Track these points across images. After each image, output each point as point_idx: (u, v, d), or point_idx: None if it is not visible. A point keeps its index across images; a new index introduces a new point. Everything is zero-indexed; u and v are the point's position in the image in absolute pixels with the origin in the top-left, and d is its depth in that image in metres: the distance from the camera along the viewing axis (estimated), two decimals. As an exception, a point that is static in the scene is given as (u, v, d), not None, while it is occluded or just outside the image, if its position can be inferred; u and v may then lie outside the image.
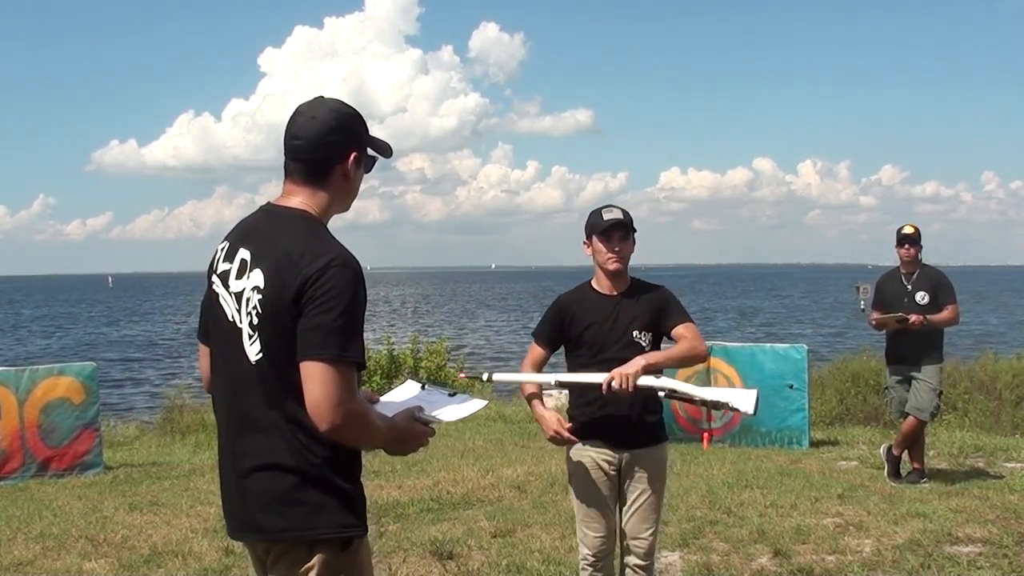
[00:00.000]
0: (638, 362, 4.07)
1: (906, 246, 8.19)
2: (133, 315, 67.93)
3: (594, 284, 4.49)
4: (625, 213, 4.35)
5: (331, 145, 2.68)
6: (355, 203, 2.85)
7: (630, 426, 4.31)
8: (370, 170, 2.86)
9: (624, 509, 4.40)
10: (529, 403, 4.51)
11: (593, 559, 4.40)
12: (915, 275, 8.20)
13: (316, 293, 2.47)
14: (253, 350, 2.57)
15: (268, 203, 2.77)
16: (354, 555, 2.62)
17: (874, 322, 8.28)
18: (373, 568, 2.74)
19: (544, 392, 4.51)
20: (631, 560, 4.41)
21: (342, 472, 2.61)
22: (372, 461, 10.21)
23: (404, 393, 2.93)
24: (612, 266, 4.34)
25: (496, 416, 14.92)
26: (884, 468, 8.34)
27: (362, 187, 2.84)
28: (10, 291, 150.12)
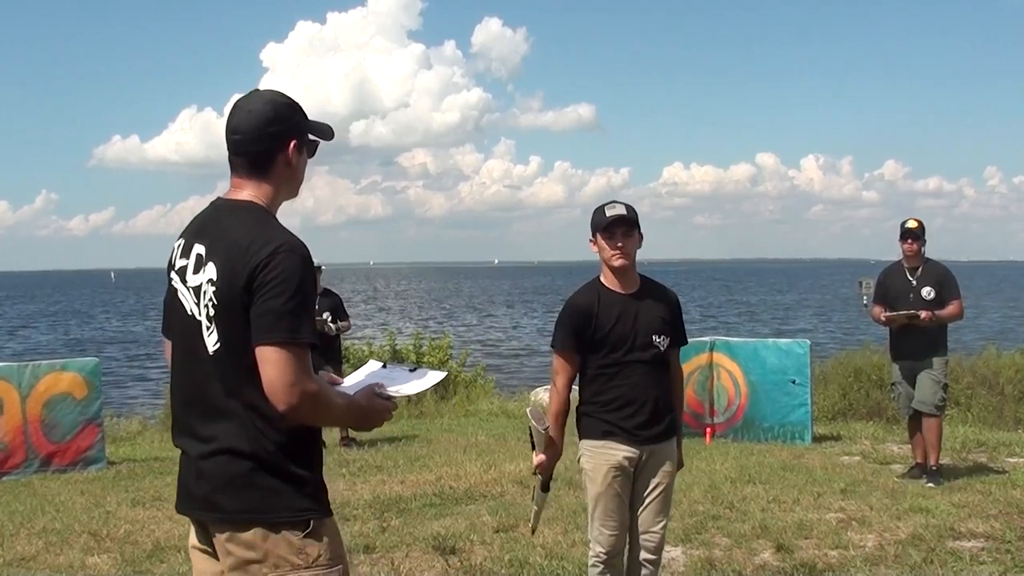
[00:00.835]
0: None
1: (909, 240, 8.15)
2: (134, 310, 68.09)
3: (604, 282, 4.44)
4: (629, 208, 4.33)
5: (271, 136, 2.76)
6: (356, 198, 2.89)
7: (653, 423, 4.35)
8: (313, 154, 2.92)
9: (637, 503, 4.42)
10: (554, 421, 4.42)
11: (606, 556, 4.41)
12: (919, 270, 8.16)
13: (266, 279, 2.57)
14: (211, 341, 2.67)
15: (218, 198, 2.86)
16: (315, 536, 2.66)
17: (883, 319, 8.20)
18: (344, 549, 2.78)
19: (546, 387, 4.51)
20: (642, 555, 4.41)
21: (297, 459, 2.67)
22: (375, 456, 10.22)
23: (365, 371, 3.01)
24: (617, 262, 4.32)
25: (499, 411, 14.92)
26: (932, 483, 7.95)
27: (364, 182, 2.86)
28: (12, 287, 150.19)
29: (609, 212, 4.31)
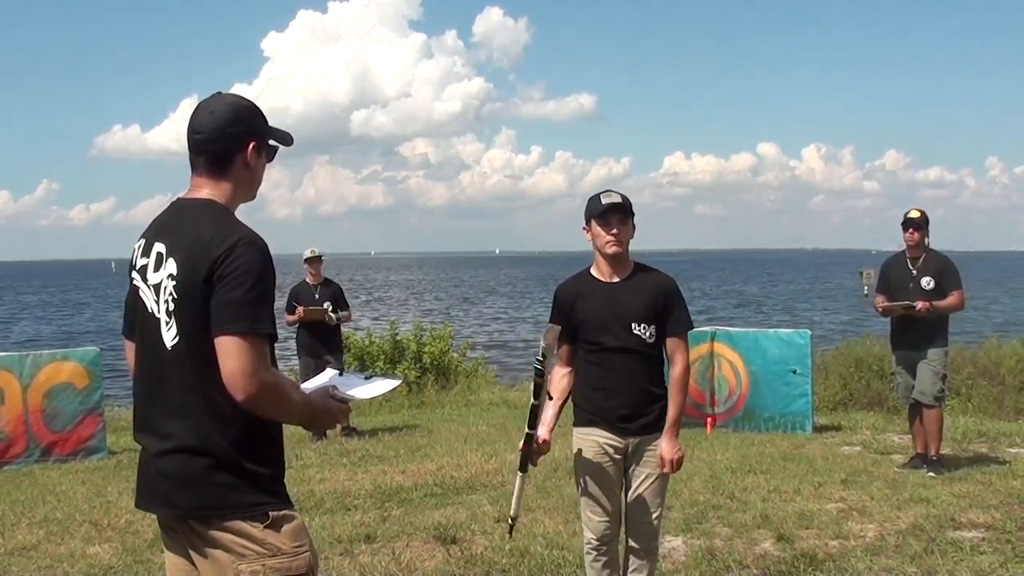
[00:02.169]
0: (678, 452, 4.32)
1: (911, 230, 8.12)
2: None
3: (593, 271, 4.46)
4: (623, 197, 4.34)
5: (230, 137, 2.82)
6: (358, 188, 2.93)
7: (637, 414, 4.33)
8: (271, 159, 2.99)
9: (629, 494, 4.41)
10: (549, 398, 4.41)
11: (597, 543, 4.41)
12: (921, 260, 8.13)
13: (226, 271, 2.62)
14: (170, 336, 2.72)
15: (178, 198, 2.92)
16: (275, 528, 2.72)
17: (880, 308, 8.22)
18: (310, 538, 2.83)
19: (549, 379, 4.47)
20: (635, 544, 4.42)
21: (253, 455, 2.73)
22: (375, 446, 10.23)
23: (323, 379, 3.08)
24: (611, 249, 4.31)
25: (500, 401, 14.94)
26: (933, 473, 7.94)
27: (365, 172, 2.89)
28: (13, 276, 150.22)
29: (604, 200, 4.32)
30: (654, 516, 4.40)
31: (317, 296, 11.22)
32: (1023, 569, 5.37)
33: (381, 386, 3.09)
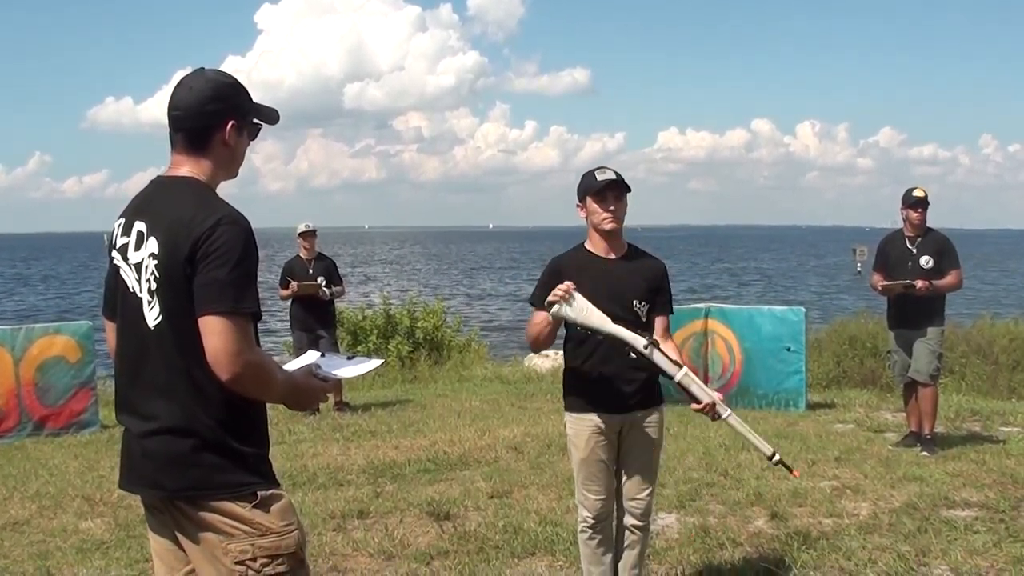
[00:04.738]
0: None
1: (919, 210, 8.05)
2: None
3: (589, 246, 4.44)
4: (617, 174, 4.33)
5: (208, 115, 2.79)
6: (350, 162, 2.89)
7: (629, 391, 4.32)
8: (255, 137, 2.96)
9: (623, 471, 4.42)
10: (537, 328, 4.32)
11: (593, 521, 4.42)
12: (920, 239, 8.10)
13: (208, 250, 2.60)
14: (152, 315, 2.70)
15: (158, 176, 2.89)
16: (263, 508, 2.71)
17: (879, 287, 8.18)
18: (298, 518, 2.82)
19: (542, 354, 4.46)
20: (629, 520, 4.45)
21: (238, 435, 2.71)
22: (368, 421, 10.22)
23: (305, 360, 3.07)
24: (608, 226, 4.30)
25: (493, 377, 14.92)
26: (927, 452, 7.94)
27: (358, 145, 2.86)
28: (6, 249, 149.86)
29: (600, 176, 4.30)
30: (647, 492, 4.43)
31: (311, 271, 11.18)
32: (1017, 548, 5.36)
33: (362, 367, 3.11)
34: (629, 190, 4.34)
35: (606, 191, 4.29)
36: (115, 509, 6.65)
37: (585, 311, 4.06)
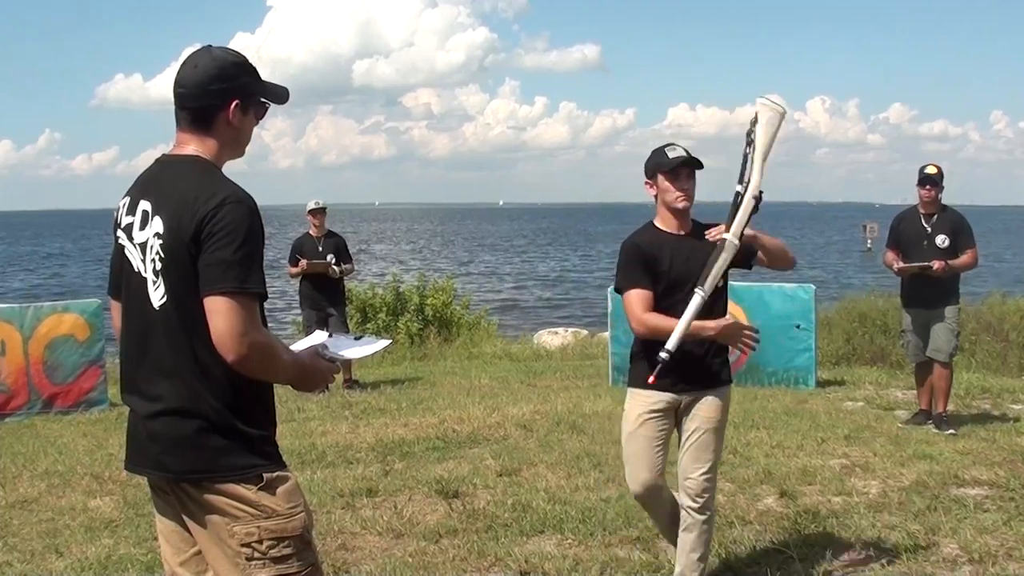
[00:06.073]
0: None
1: (928, 187, 7.97)
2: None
3: (659, 224, 4.44)
4: (687, 151, 4.32)
5: (213, 94, 2.75)
6: (360, 139, 2.86)
7: (699, 369, 4.33)
8: (262, 116, 2.92)
9: (680, 448, 4.42)
10: (660, 321, 4.28)
11: (637, 496, 4.48)
12: (935, 217, 8.01)
13: (213, 230, 2.57)
14: (157, 295, 2.68)
15: (163, 155, 2.87)
16: (269, 490, 2.69)
17: (896, 269, 8.07)
18: (304, 499, 2.81)
19: (551, 331, 4.42)
20: (684, 500, 4.39)
21: (244, 418, 2.69)
22: (378, 399, 10.23)
23: (312, 340, 3.05)
24: (681, 204, 4.34)
25: (502, 354, 14.92)
26: (939, 430, 7.92)
27: (368, 122, 2.82)
28: (18, 226, 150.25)
29: (672, 154, 4.31)
30: (701, 471, 4.34)
31: (320, 248, 11.16)
32: (1027, 527, 5.34)
33: (370, 347, 3.10)
34: (701, 167, 4.38)
35: (679, 169, 4.31)
36: (124, 487, 6.66)
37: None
